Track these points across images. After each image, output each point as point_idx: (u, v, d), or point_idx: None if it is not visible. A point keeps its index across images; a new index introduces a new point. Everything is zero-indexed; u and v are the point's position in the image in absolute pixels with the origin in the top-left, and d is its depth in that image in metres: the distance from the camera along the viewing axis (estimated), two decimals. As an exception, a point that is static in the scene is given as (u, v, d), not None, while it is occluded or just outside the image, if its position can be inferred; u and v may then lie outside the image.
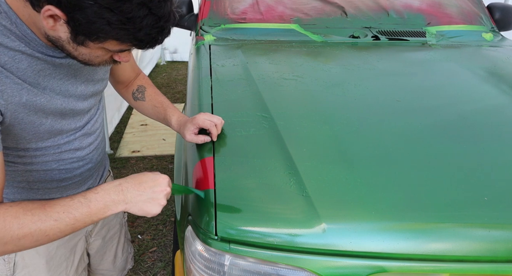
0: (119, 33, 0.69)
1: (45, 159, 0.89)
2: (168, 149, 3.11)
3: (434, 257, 0.81)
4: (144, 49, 0.75)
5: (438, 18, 2.04)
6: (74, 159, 0.95)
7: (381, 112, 1.22)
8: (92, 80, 0.91)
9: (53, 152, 0.90)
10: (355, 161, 0.98)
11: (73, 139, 0.92)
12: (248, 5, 1.95)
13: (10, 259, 0.98)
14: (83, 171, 0.99)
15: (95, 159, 1.02)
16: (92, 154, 1.00)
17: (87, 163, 0.99)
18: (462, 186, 0.92)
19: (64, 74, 0.83)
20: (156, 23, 0.70)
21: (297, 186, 0.89)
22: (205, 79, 1.42)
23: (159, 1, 0.69)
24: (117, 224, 1.26)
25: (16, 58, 0.73)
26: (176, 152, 1.43)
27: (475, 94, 1.38)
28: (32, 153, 0.86)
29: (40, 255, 1.00)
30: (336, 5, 1.98)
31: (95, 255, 1.21)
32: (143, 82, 1.16)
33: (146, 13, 0.67)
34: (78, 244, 1.10)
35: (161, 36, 0.73)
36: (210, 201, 0.86)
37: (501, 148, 1.06)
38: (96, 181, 1.09)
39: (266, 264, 0.82)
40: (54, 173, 0.93)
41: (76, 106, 0.88)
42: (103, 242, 1.21)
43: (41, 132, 0.83)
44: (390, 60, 1.66)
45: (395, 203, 0.86)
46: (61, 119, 0.86)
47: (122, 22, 0.67)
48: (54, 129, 0.86)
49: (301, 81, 1.41)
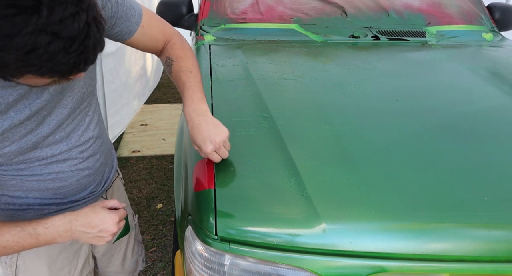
0: (29, 69, 0.58)
1: (32, 171, 0.85)
2: (168, 149, 3.11)
3: (434, 257, 0.81)
4: (71, 77, 0.63)
5: (438, 18, 2.04)
6: (66, 169, 0.90)
7: (381, 112, 1.22)
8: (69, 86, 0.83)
9: (39, 164, 0.85)
10: (355, 161, 0.98)
11: (59, 152, 0.87)
12: (248, 5, 1.95)
13: (12, 263, 0.97)
14: (79, 178, 0.94)
15: (93, 165, 0.96)
16: (86, 162, 0.93)
17: (82, 171, 0.94)
18: (462, 186, 0.92)
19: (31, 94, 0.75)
20: (69, 47, 0.57)
21: (297, 186, 0.89)
22: (205, 79, 1.41)
23: (61, 20, 0.55)
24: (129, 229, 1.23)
25: None
26: (176, 152, 1.43)
27: (475, 94, 1.38)
28: (16, 167, 0.83)
29: (41, 259, 0.99)
30: (336, 5, 1.98)
31: (101, 258, 1.19)
32: (171, 54, 1.01)
33: (49, 40, 0.55)
34: (82, 248, 1.08)
35: (85, 58, 0.61)
36: (210, 201, 0.86)
37: (501, 148, 1.06)
38: (100, 185, 1.03)
39: (266, 264, 0.82)
40: (47, 183, 0.89)
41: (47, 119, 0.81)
42: (110, 245, 1.19)
43: (9, 154, 0.78)
44: (390, 60, 1.66)
45: (395, 203, 0.86)
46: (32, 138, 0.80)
47: (22, 59, 0.56)
48: (27, 146, 0.79)
49: (301, 81, 1.41)
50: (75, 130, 0.89)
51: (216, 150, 0.91)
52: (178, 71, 0.98)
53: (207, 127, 0.91)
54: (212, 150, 0.90)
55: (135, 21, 0.94)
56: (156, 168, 2.87)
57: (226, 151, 0.93)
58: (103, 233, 0.83)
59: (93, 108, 0.95)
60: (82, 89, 0.86)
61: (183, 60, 1.00)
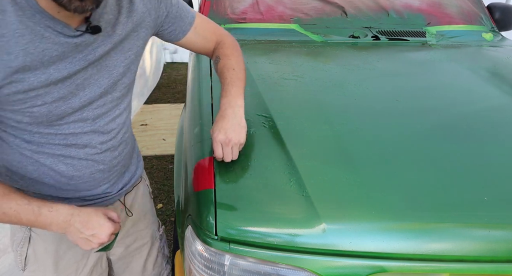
0: None
1: (51, 149, 0.86)
2: (168, 149, 3.11)
3: (434, 257, 0.81)
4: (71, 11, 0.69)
5: (438, 18, 2.04)
6: (82, 156, 0.90)
7: (381, 112, 1.22)
8: (107, 67, 0.86)
9: (59, 143, 0.86)
10: (355, 161, 0.98)
11: (81, 132, 0.87)
12: (248, 5, 1.95)
13: (22, 252, 0.98)
14: (94, 171, 0.94)
15: (108, 162, 0.96)
16: (103, 155, 0.94)
17: (97, 164, 0.94)
18: (462, 186, 0.92)
19: (69, 55, 0.78)
20: None
21: (297, 186, 0.89)
22: (205, 79, 1.42)
23: None
24: (147, 236, 1.22)
25: (17, 32, 0.70)
26: (176, 152, 1.43)
27: (475, 94, 1.38)
28: (38, 140, 0.84)
29: (48, 254, 1.00)
30: (336, 5, 1.98)
31: (117, 262, 1.18)
32: (220, 53, 1.06)
33: None
34: None
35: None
36: (210, 201, 0.86)
37: (501, 148, 1.06)
38: (115, 186, 1.03)
39: (266, 264, 0.82)
40: (62, 169, 0.89)
41: (80, 91, 0.83)
42: (126, 251, 1.17)
43: (37, 116, 0.80)
44: (390, 60, 1.66)
45: (395, 203, 0.86)
46: (61, 105, 0.82)
47: None
48: (53, 114, 0.82)
49: (301, 81, 1.41)
50: (103, 116, 0.90)
51: (224, 145, 0.91)
52: (222, 68, 1.03)
53: (232, 121, 0.93)
54: (220, 141, 0.91)
55: (188, 22, 1.01)
56: (156, 168, 2.87)
57: (230, 154, 0.93)
58: (94, 238, 0.85)
59: (125, 105, 0.96)
60: (119, 76, 0.89)
61: (228, 58, 1.04)
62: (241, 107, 0.96)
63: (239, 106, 0.96)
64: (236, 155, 0.94)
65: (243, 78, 1.03)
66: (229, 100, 0.96)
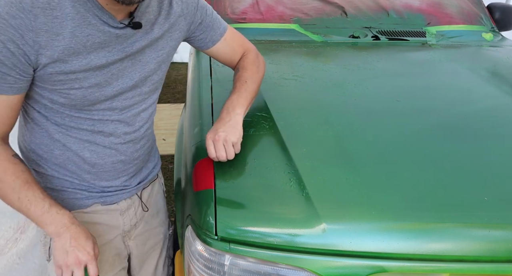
0: None
1: (79, 135, 0.92)
2: (168, 149, 3.11)
3: (434, 257, 0.81)
4: None
5: (438, 18, 2.04)
6: (106, 144, 0.95)
7: (381, 112, 1.22)
8: (140, 62, 0.92)
9: (86, 128, 0.91)
10: (355, 161, 0.98)
11: (108, 119, 0.93)
12: (248, 5, 1.95)
13: (46, 242, 1.00)
14: (115, 161, 0.99)
15: (130, 153, 1.01)
16: (126, 146, 0.99)
17: (120, 154, 0.98)
18: (462, 186, 0.92)
19: (109, 44, 0.85)
20: None
21: (297, 186, 0.89)
22: (205, 79, 1.42)
23: None
24: (160, 234, 1.23)
25: (69, 15, 0.78)
26: (176, 152, 1.43)
27: (475, 94, 1.38)
28: (68, 123, 0.90)
29: None
30: (336, 5, 1.98)
31: (134, 259, 1.19)
32: (240, 65, 1.13)
33: None
34: (112, 242, 1.09)
35: None
36: (210, 201, 0.86)
37: (501, 148, 1.06)
38: (133, 180, 1.07)
39: (266, 264, 0.82)
40: (87, 156, 0.94)
41: (114, 81, 0.89)
42: (143, 248, 1.19)
43: (73, 99, 0.86)
44: (390, 60, 1.66)
45: (395, 203, 0.86)
46: (95, 92, 0.87)
47: None
48: (87, 99, 0.87)
49: (301, 81, 1.41)
50: (130, 108, 0.96)
51: (215, 141, 0.93)
52: (237, 79, 1.10)
53: (226, 124, 0.97)
54: (210, 138, 0.94)
55: (219, 33, 1.08)
56: (156, 168, 2.86)
57: (223, 151, 0.93)
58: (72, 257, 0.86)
59: (152, 101, 1.02)
60: (150, 72, 0.95)
61: (245, 71, 1.10)
62: (239, 115, 1.00)
63: (237, 114, 1.00)
64: (231, 154, 0.94)
65: (252, 91, 1.08)
66: (228, 107, 1.01)
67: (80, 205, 1.01)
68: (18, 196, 0.83)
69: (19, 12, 0.73)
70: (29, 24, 0.74)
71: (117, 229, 1.08)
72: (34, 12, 0.74)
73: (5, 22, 0.73)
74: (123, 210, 1.08)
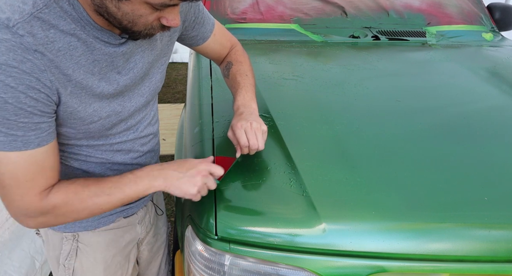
0: None
1: (98, 159, 0.88)
2: (168, 149, 3.11)
3: (434, 257, 0.81)
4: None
5: (438, 18, 2.04)
6: (128, 161, 0.93)
7: (381, 112, 1.22)
8: (148, 76, 0.88)
9: (106, 150, 0.88)
10: (355, 161, 0.98)
11: (125, 140, 0.91)
12: (248, 5, 1.95)
13: (69, 265, 0.98)
14: None
15: (149, 162, 1.00)
16: (144, 157, 0.98)
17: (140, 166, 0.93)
18: (462, 186, 0.92)
19: (117, 65, 0.79)
20: None
21: (297, 186, 0.89)
22: (205, 79, 1.42)
23: None
24: (164, 234, 1.24)
25: (71, 44, 0.69)
26: (176, 152, 1.43)
27: (475, 94, 1.38)
28: (85, 152, 0.86)
29: (98, 263, 1.00)
30: (336, 5, 1.98)
31: (142, 264, 1.19)
32: (232, 59, 1.10)
33: None
34: (131, 252, 1.08)
35: None
36: (210, 201, 0.86)
37: (501, 148, 1.06)
38: None
39: (266, 264, 0.82)
40: (109, 174, 0.91)
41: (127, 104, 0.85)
42: (151, 252, 1.19)
43: (92, 132, 0.82)
44: (390, 60, 1.66)
45: (395, 203, 0.86)
46: (113, 119, 0.84)
47: None
48: (105, 128, 0.84)
49: (301, 81, 1.41)
50: (142, 121, 0.94)
51: (247, 130, 0.91)
52: (235, 73, 1.06)
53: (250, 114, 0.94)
54: (241, 126, 0.91)
55: (209, 28, 1.04)
56: (156, 168, 2.86)
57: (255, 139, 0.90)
58: (194, 177, 0.82)
59: (155, 107, 1.01)
60: (157, 82, 0.92)
61: (241, 64, 1.08)
62: (256, 111, 0.99)
63: (254, 109, 0.98)
64: (263, 144, 0.92)
65: (254, 84, 1.07)
66: (244, 103, 0.98)
67: (105, 222, 0.99)
68: (106, 193, 0.78)
69: (25, 54, 0.64)
70: (40, 64, 0.66)
71: (135, 239, 1.08)
72: (39, 50, 0.66)
73: (16, 70, 0.63)
74: (141, 218, 1.08)
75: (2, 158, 0.68)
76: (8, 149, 0.67)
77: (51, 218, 0.76)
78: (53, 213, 0.76)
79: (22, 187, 0.71)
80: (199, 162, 0.84)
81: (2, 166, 0.69)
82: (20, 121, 0.66)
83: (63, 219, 0.78)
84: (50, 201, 0.74)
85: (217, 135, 1.08)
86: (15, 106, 0.64)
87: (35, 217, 0.75)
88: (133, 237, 1.07)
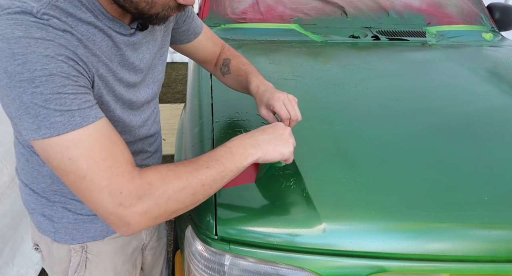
0: None
1: None
2: (168, 149, 3.11)
3: (434, 257, 0.81)
4: None
5: (438, 18, 2.04)
6: (138, 163, 0.91)
7: (381, 112, 1.22)
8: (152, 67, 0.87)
9: None
10: (355, 161, 0.98)
11: (138, 139, 0.89)
12: (248, 5, 1.95)
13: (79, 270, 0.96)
14: None
15: (156, 162, 0.99)
16: (152, 158, 0.96)
17: None
18: (462, 186, 0.92)
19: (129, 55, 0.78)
20: None
21: (297, 186, 0.89)
22: (205, 79, 1.42)
23: None
24: (164, 236, 1.24)
25: (90, 30, 0.69)
26: (176, 152, 1.43)
27: (475, 94, 1.38)
28: None
29: (107, 272, 0.99)
30: (336, 5, 1.98)
31: (145, 269, 1.19)
32: (228, 55, 1.09)
33: None
34: (137, 258, 1.08)
35: None
36: (210, 201, 0.86)
37: (501, 148, 1.06)
38: None
39: (266, 264, 0.82)
40: None
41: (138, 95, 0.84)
42: (154, 256, 1.19)
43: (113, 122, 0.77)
44: (390, 60, 1.66)
45: (395, 203, 0.86)
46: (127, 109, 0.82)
47: None
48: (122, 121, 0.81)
49: (301, 81, 1.41)
50: (149, 117, 0.92)
51: (285, 101, 0.89)
52: (237, 65, 1.05)
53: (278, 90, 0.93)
54: (279, 100, 0.89)
55: (200, 24, 1.03)
56: (156, 168, 2.86)
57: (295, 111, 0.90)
58: (282, 135, 0.80)
59: (157, 107, 0.99)
60: (160, 74, 0.91)
61: (240, 57, 1.08)
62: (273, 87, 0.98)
63: (272, 86, 0.97)
64: (300, 115, 0.90)
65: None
66: (263, 82, 0.97)
67: (113, 230, 0.94)
68: (207, 168, 0.70)
69: (57, 31, 0.62)
70: (72, 40, 0.64)
71: (140, 245, 1.08)
72: (67, 30, 0.64)
73: (53, 43, 0.61)
74: None
75: (69, 142, 0.61)
76: (69, 128, 0.61)
77: (151, 204, 0.65)
78: (151, 196, 0.65)
79: (103, 168, 0.62)
80: (277, 125, 0.83)
81: (73, 151, 0.61)
82: (70, 92, 0.61)
83: (165, 205, 0.66)
84: (144, 178, 0.65)
85: (217, 135, 1.08)
86: (60, 76, 0.61)
87: (133, 205, 0.64)
88: (139, 243, 1.07)
